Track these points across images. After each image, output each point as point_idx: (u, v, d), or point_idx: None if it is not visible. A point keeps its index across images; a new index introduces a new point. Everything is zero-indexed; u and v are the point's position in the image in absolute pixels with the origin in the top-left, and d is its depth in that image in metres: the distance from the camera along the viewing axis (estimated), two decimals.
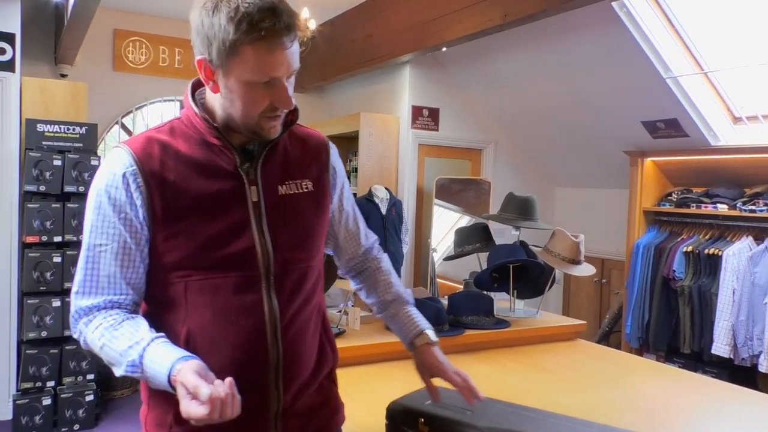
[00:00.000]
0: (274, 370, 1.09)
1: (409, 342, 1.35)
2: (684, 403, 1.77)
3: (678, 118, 4.10)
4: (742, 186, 4.26)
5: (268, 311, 1.08)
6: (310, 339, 1.17)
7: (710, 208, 4.26)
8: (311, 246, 1.17)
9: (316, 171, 1.20)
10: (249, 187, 1.08)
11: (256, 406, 1.08)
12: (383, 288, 1.39)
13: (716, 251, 4.15)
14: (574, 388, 1.86)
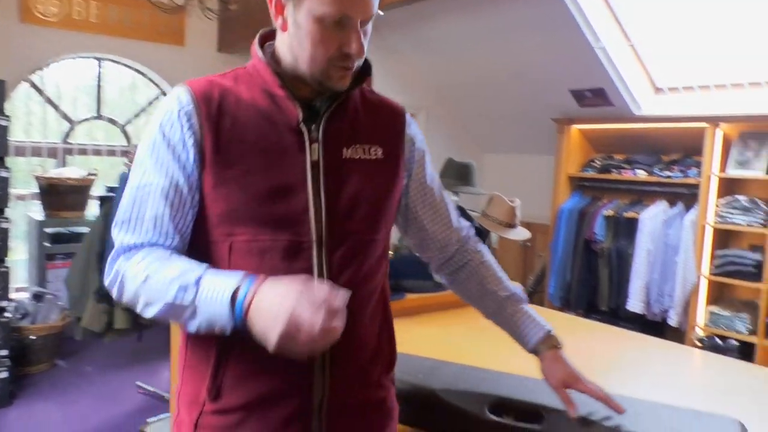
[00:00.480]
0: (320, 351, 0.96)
1: (533, 346, 1.19)
2: (608, 353, 1.90)
3: (605, 87, 4.26)
4: (660, 153, 4.51)
5: (317, 277, 0.98)
6: (367, 324, 1.05)
7: (630, 173, 4.49)
8: (374, 218, 1.04)
9: (389, 139, 1.09)
10: (309, 144, 0.99)
11: (299, 390, 0.99)
12: (493, 285, 1.22)
13: (634, 215, 4.40)
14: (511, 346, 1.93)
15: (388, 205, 1.07)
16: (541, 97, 4.76)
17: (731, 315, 3.99)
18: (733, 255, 3.99)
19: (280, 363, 0.92)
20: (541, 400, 1.21)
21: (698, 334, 4.08)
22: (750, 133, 3.96)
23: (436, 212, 1.18)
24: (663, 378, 1.78)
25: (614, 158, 4.73)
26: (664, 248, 4.25)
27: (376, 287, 1.07)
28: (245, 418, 0.98)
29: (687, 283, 4.10)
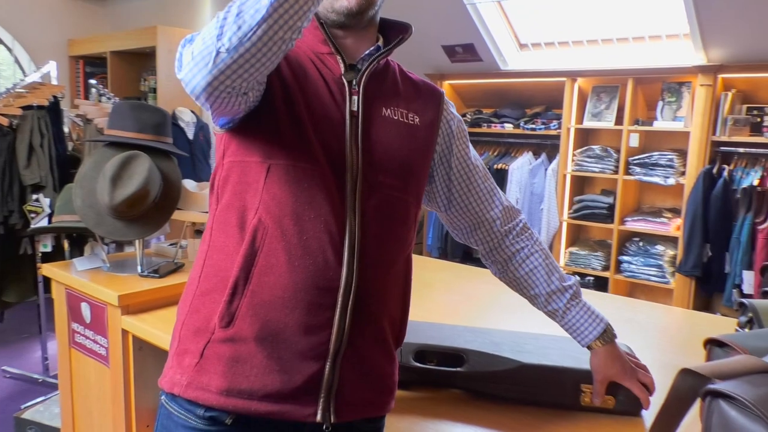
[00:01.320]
0: (344, 294, 0.96)
1: (591, 340, 1.17)
2: (489, 293, 2.03)
3: (474, 43, 4.42)
4: (524, 107, 4.80)
5: (349, 224, 0.97)
6: (391, 285, 1.05)
7: (498, 127, 4.74)
8: (406, 177, 1.05)
9: (427, 111, 1.11)
10: (350, 96, 1.02)
11: (319, 328, 0.96)
12: (548, 275, 1.18)
13: (503, 166, 4.67)
14: (428, 298, 2.01)
15: (420, 170, 1.09)
16: (414, 52, 4.83)
17: (588, 254, 4.42)
18: (589, 199, 4.40)
19: (303, 297, 0.94)
20: (461, 344, 1.28)
21: None
22: (601, 87, 4.33)
23: (480, 191, 1.19)
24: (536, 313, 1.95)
25: (483, 112, 4.96)
26: (531, 196, 4.58)
27: (403, 250, 1.07)
28: (257, 350, 0.95)
29: (551, 227, 4.47)
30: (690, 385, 0.78)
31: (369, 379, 1.02)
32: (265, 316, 0.95)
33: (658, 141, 4.18)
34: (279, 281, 0.94)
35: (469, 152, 1.19)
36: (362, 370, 1.01)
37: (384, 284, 1.03)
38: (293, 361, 0.95)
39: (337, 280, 0.96)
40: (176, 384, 0.98)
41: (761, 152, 3.68)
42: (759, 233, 3.57)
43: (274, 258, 0.95)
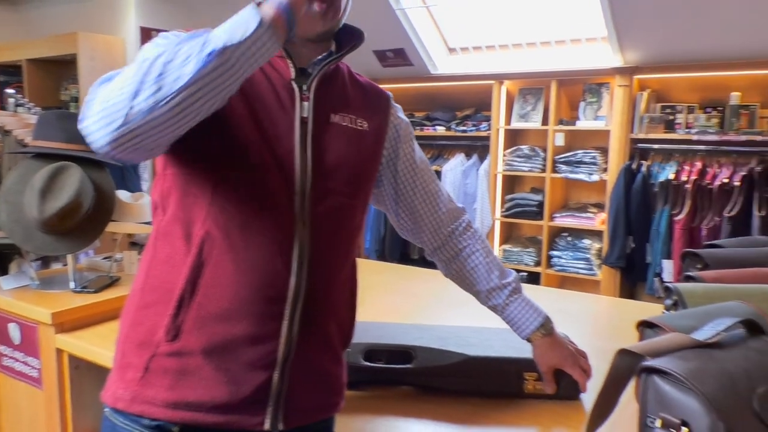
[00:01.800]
0: (291, 305, 0.96)
1: (530, 333, 1.22)
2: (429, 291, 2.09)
3: (405, 48, 4.49)
4: (455, 110, 4.91)
5: (299, 237, 0.96)
6: (339, 290, 1.06)
7: (430, 130, 4.84)
8: (354, 183, 1.05)
9: (374, 116, 1.10)
10: (301, 102, 1.00)
11: (266, 338, 0.96)
12: (488, 273, 1.23)
13: (437, 168, 4.76)
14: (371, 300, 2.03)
15: (369, 175, 1.11)
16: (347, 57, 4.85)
17: (520, 250, 4.58)
18: (519, 198, 4.56)
19: (251, 308, 0.93)
20: (408, 342, 1.31)
21: None
22: (527, 89, 4.50)
23: (426, 193, 1.21)
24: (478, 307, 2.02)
25: (416, 116, 5.04)
26: (464, 197, 4.70)
27: (351, 255, 1.09)
28: (204, 362, 0.93)
29: (485, 226, 4.59)
30: (627, 364, 0.84)
31: (318, 384, 1.03)
32: (212, 328, 0.93)
33: (582, 140, 4.38)
34: (226, 293, 0.93)
35: (415, 156, 1.20)
36: (311, 376, 1.01)
37: (332, 290, 1.04)
38: (241, 372, 0.94)
39: (286, 290, 0.96)
40: (120, 399, 0.97)
41: (675, 148, 3.93)
42: (676, 224, 3.81)
43: (222, 270, 0.93)
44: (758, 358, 0.82)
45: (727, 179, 3.64)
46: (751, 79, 3.67)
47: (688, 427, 0.75)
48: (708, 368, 0.78)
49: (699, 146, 3.82)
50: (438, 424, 1.16)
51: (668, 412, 0.77)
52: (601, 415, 0.86)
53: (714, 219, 3.69)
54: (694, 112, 3.91)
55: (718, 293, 1.14)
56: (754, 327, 0.89)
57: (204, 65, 0.77)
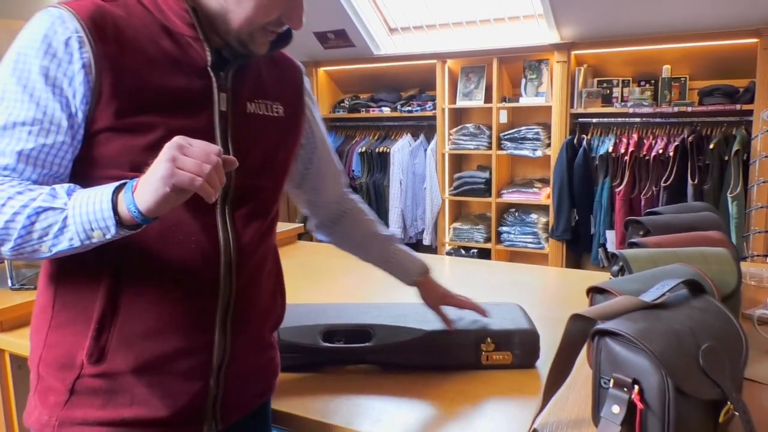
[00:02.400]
0: (222, 311, 0.93)
1: (413, 278, 1.31)
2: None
3: (345, 28, 4.45)
4: (400, 90, 4.91)
5: (223, 239, 0.91)
6: (264, 284, 1.03)
7: (377, 111, 4.83)
8: (276, 176, 1.02)
9: (289, 96, 1.05)
10: (219, 92, 0.91)
11: (199, 350, 0.92)
12: (374, 228, 1.29)
13: (385, 149, 4.77)
14: (326, 282, 2.03)
15: (287, 163, 1.06)
16: None
17: (470, 228, 4.65)
18: (467, 176, 4.62)
19: (179, 323, 0.89)
20: (367, 320, 1.32)
21: (447, 249, 4.68)
22: (470, 67, 4.54)
23: (332, 170, 1.22)
24: None
25: (360, 98, 5.02)
26: (413, 177, 4.73)
27: (272, 245, 1.06)
28: (135, 381, 0.89)
29: (434, 205, 4.64)
30: (579, 329, 0.87)
31: (253, 378, 1.02)
32: (139, 347, 0.88)
33: (525, 116, 4.47)
34: (150, 310, 0.88)
35: (323, 132, 1.19)
36: (246, 374, 1.00)
37: (260, 287, 1.01)
38: (176, 385, 0.91)
39: (215, 300, 0.92)
40: (46, 425, 0.90)
41: (612, 121, 4.06)
42: (617, 195, 3.94)
43: (142, 287, 0.88)
44: (701, 316, 0.87)
45: (662, 150, 3.79)
46: (680, 52, 3.81)
47: (639, 385, 0.79)
48: (656, 328, 0.81)
49: (634, 119, 3.96)
50: (399, 399, 1.18)
51: (620, 372, 0.80)
52: (557, 380, 0.88)
53: (652, 189, 3.84)
54: (629, 85, 4.04)
55: (660, 257, 1.19)
56: (695, 287, 0.93)
57: (58, 252, 0.79)
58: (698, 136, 3.75)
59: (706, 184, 3.67)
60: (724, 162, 3.64)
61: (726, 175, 3.62)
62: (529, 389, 1.22)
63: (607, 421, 0.79)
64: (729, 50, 3.67)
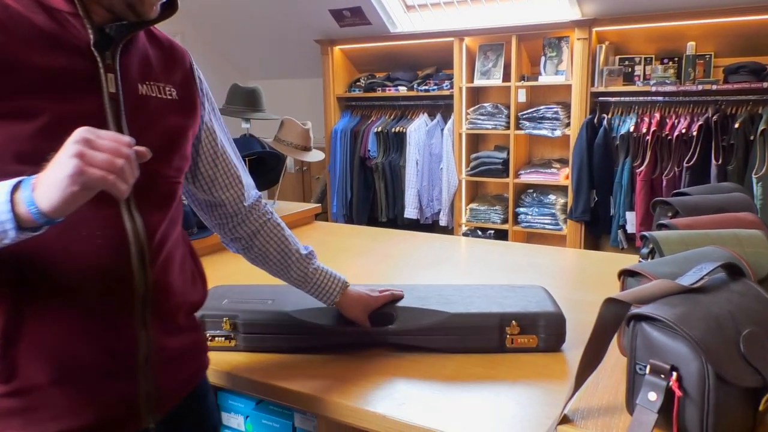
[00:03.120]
0: (140, 305, 0.88)
1: (336, 297, 1.25)
2: (412, 251, 2.09)
3: (361, 6, 4.38)
4: (416, 69, 4.85)
5: (131, 230, 0.86)
6: (180, 268, 0.98)
7: (393, 90, 4.77)
8: (178, 159, 0.96)
9: (180, 78, 0.99)
10: (105, 73, 0.84)
11: (122, 349, 0.88)
12: (293, 245, 1.22)
13: (401, 129, 4.73)
14: (345, 263, 2.01)
15: (185, 148, 1.00)
16: (301, 17, 4.72)
17: (487, 208, 4.61)
18: (484, 156, 4.56)
19: (96, 325, 0.84)
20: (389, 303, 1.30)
21: (463, 230, 4.65)
22: (488, 45, 4.46)
23: (227, 165, 1.12)
24: (453, 266, 2.02)
25: (377, 77, 4.96)
26: (430, 157, 4.68)
27: (180, 232, 1.01)
28: (56, 392, 0.83)
29: (451, 186, 4.60)
30: (613, 313, 0.84)
31: (182, 365, 0.99)
32: (55, 357, 0.82)
33: (544, 95, 4.39)
34: (62, 316, 0.82)
35: (216, 123, 1.11)
36: (174, 363, 0.97)
37: (176, 275, 0.97)
38: (102, 390, 0.86)
39: (131, 295, 0.87)
40: None
41: (634, 100, 3.98)
42: (637, 176, 3.87)
43: (48, 292, 0.81)
44: (741, 300, 0.84)
45: (685, 129, 3.71)
46: (705, 28, 3.71)
47: (678, 372, 0.76)
48: (695, 312, 0.78)
49: (657, 97, 3.87)
50: (422, 382, 1.16)
51: (658, 358, 0.78)
52: (590, 365, 0.86)
53: (674, 169, 3.77)
54: (651, 63, 3.95)
55: (692, 239, 1.15)
56: (734, 270, 0.90)
57: None
58: (723, 115, 3.67)
59: (730, 165, 3.59)
60: (749, 142, 3.55)
61: (751, 155, 3.54)
62: (554, 373, 1.19)
63: (643, 408, 0.77)
64: (756, 26, 3.56)
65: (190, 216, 2.10)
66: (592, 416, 0.86)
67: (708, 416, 0.75)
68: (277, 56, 5.36)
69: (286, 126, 2.49)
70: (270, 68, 5.54)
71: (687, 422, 0.76)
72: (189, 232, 2.04)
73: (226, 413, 1.55)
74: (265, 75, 5.63)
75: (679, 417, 0.76)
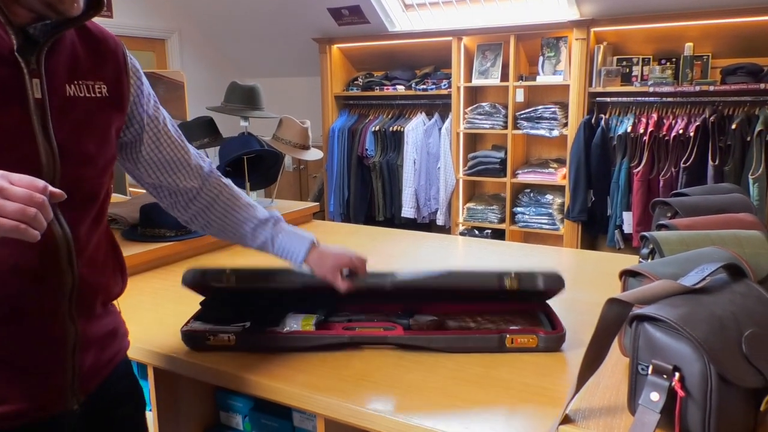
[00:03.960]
0: (68, 300, 0.92)
1: (303, 258, 1.23)
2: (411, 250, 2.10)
3: (360, 4, 4.38)
4: (414, 68, 4.85)
5: (59, 237, 0.88)
6: (103, 263, 1.01)
7: (390, 89, 4.77)
8: (105, 161, 0.96)
9: (112, 73, 0.97)
10: (30, 79, 0.83)
11: (51, 342, 0.92)
12: (251, 212, 1.22)
13: (399, 128, 4.72)
14: None
15: (113, 146, 1.00)
16: (300, 16, 4.72)
17: (484, 208, 4.61)
18: (482, 155, 4.57)
19: (27, 321, 0.87)
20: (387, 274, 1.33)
21: (460, 229, 4.65)
22: (486, 45, 4.46)
23: (174, 148, 1.13)
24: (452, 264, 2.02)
25: (375, 75, 4.96)
26: (427, 157, 4.68)
27: (105, 226, 1.02)
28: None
29: (448, 185, 4.60)
30: (616, 313, 0.84)
31: (103, 350, 1.03)
32: None
33: (542, 95, 4.39)
34: None
35: (159, 110, 1.12)
36: (97, 349, 1.01)
37: (100, 269, 1.00)
38: (33, 379, 0.91)
39: (61, 293, 0.90)
40: None
41: (631, 101, 3.98)
42: (635, 176, 3.88)
43: None
44: (743, 301, 0.84)
45: (682, 130, 3.72)
46: (703, 29, 3.72)
47: (680, 372, 0.76)
48: (698, 313, 0.78)
49: (654, 98, 3.88)
50: (425, 381, 1.16)
51: (660, 358, 0.78)
52: (592, 365, 0.86)
53: (671, 170, 3.78)
54: (649, 64, 3.95)
55: (692, 240, 1.15)
56: (736, 271, 0.90)
57: None
58: (720, 116, 3.68)
59: (727, 166, 3.61)
60: (746, 143, 3.57)
61: (748, 156, 3.55)
62: (554, 373, 1.19)
63: (645, 408, 0.77)
64: (754, 27, 3.57)
65: None
66: (594, 416, 0.86)
67: (710, 416, 0.75)
68: (275, 54, 5.35)
69: (284, 124, 2.48)
70: (268, 66, 5.53)
71: (689, 422, 0.76)
72: (186, 230, 2.03)
73: (224, 412, 1.55)
74: (263, 73, 5.62)
75: (682, 417, 0.76)
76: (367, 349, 1.29)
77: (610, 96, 4.01)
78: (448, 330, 1.33)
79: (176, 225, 2.02)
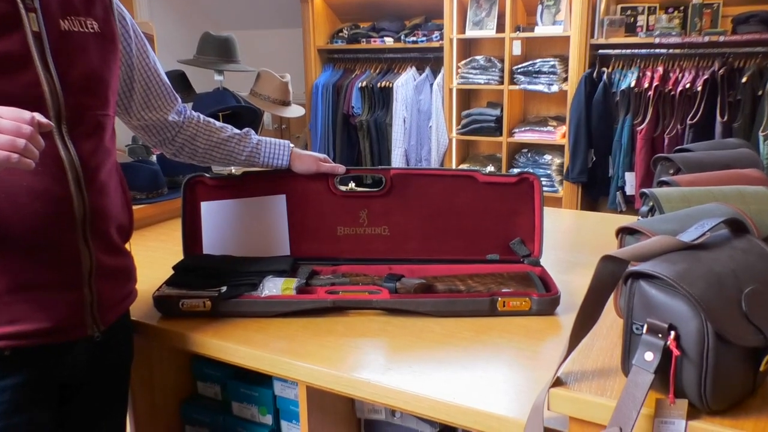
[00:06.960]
0: (81, 225, 1.04)
1: (287, 159, 1.46)
2: None
3: None
4: (403, 19, 4.78)
5: (67, 161, 1.01)
6: (113, 197, 1.13)
7: (378, 42, 4.70)
8: (104, 92, 1.09)
9: (100, 12, 1.09)
10: (26, 13, 0.95)
11: (68, 263, 1.04)
12: (227, 132, 1.41)
13: (387, 84, 4.68)
14: None
15: (112, 80, 1.13)
16: None
17: (479, 169, 4.60)
18: (476, 113, 4.54)
19: (44, 240, 0.99)
20: None
21: None
22: None
23: (161, 91, 1.29)
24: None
25: (361, 27, 4.89)
26: (418, 114, 4.65)
27: (114, 163, 1.15)
28: (13, 299, 0.99)
29: (441, 145, 4.58)
30: (610, 271, 0.85)
31: (117, 282, 1.16)
32: (8, 271, 0.98)
33: (540, 47, 4.35)
34: (13, 235, 0.97)
35: (148, 52, 1.25)
36: (112, 279, 1.13)
37: (110, 199, 1.12)
38: (52, 299, 1.02)
39: (72, 216, 1.02)
40: None
41: (636, 53, 3.95)
42: (638, 134, 3.88)
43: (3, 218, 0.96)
44: (744, 257, 0.85)
45: (689, 84, 3.71)
46: None
47: (676, 331, 0.77)
48: (696, 270, 0.79)
49: (661, 50, 3.85)
50: (409, 347, 1.17)
51: (655, 317, 0.79)
52: (584, 326, 0.87)
53: (677, 127, 3.78)
54: (655, 13, 3.91)
55: (695, 196, 1.16)
56: (737, 226, 0.91)
57: None
58: (730, 68, 3.66)
59: (736, 122, 3.61)
60: (757, 97, 3.56)
61: (758, 111, 3.55)
62: (548, 337, 1.21)
63: (639, 368, 0.78)
64: None
65: (160, 176, 2.08)
66: (586, 379, 0.87)
67: (706, 376, 0.76)
68: (252, 4, 5.25)
69: (262, 78, 2.45)
70: (245, 17, 5.43)
71: (684, 382, 0.78)
72: (158, 192, 2.03)
73: (201, 382, 1.56)
74: (240, 25, 5.51)
75: (677, 377, 0.78)
76: (352, 314, 1.31)
77: (613, 48, 3.97)
78: (437, 293, 1.34)
79: (147, 187, 2.01)
